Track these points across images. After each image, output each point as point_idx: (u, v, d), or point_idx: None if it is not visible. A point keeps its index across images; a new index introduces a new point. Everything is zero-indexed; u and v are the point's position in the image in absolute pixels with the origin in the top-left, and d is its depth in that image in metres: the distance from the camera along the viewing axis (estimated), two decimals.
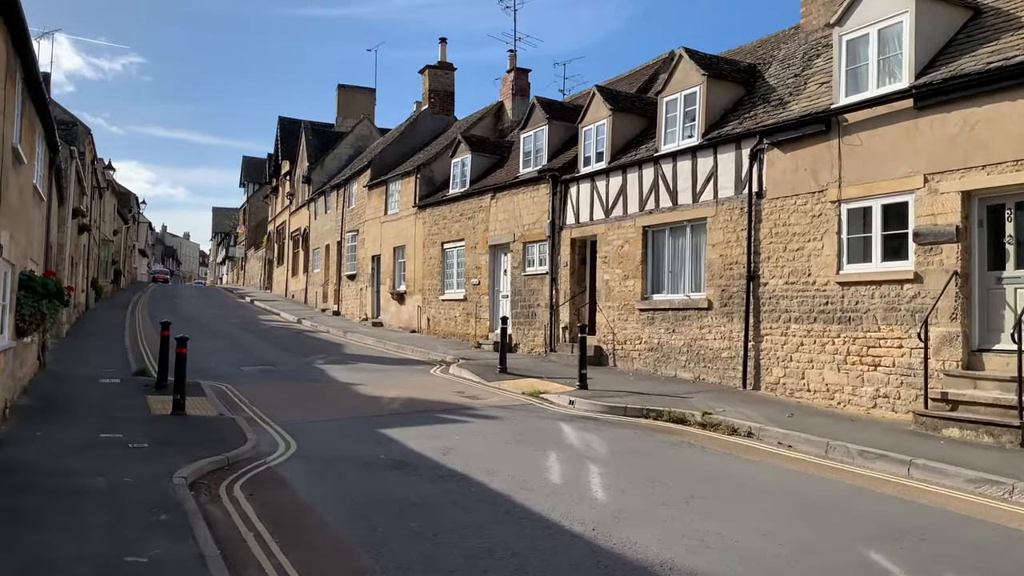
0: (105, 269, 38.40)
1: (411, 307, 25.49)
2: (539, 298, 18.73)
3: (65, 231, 20.68)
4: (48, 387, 12.15)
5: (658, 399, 12.10)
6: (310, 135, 41.18)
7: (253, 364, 16.91)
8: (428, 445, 9.07)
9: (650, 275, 15.61)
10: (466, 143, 22.84)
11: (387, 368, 16.81)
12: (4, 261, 8.89)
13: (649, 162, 15.48)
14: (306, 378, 15.07)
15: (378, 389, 13.57)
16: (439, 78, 30.60)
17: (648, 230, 15.60)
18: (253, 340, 22.31)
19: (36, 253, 12.73)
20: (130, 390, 12.41)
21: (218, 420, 10.28)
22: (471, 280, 21.72)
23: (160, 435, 9.08)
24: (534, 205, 19.02)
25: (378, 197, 28.57)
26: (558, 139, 19.36)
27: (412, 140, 30.27)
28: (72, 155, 21.02)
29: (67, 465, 7.44)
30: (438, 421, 10.80)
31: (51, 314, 10.51)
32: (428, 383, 14.73)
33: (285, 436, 9.58)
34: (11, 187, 9.00)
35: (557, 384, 13.84)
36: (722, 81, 14.72)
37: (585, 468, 8.19)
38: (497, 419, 10.98)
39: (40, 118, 11.60)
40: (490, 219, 20.89)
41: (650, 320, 15.35)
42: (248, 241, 63.51)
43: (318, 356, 18.63)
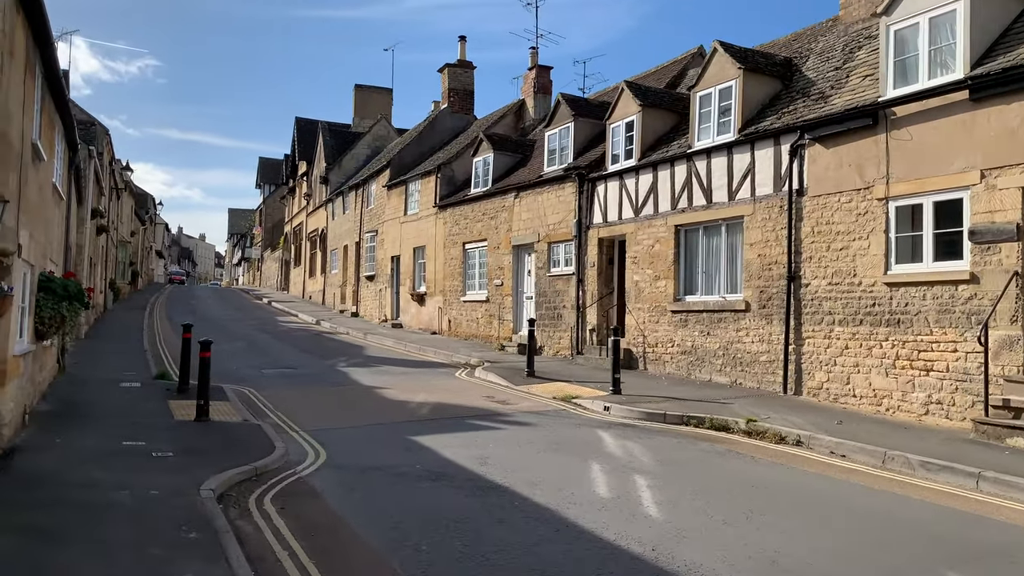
0: (123, 270, 38.32)
1: (431, 308, 25.11)
2: (565, 299, 18.28)
3: (84, 232, 20.45)
4: (68, 391, 11.84)
5: (697, 405, 11.62)
6: (327, 135, 40.94)
7: (274, 367, 16.57)
8: (463, 454, 8.65)
9: (683, 276, 15.13)
10: (488, 141, 22.42)
11: (411, 371, 16.42)
12: (23, 262, 8.56)
13: (682, 159, 15.00)
14: (330, 382, 14.69)
15: (404, 393, 13.17)
16: (458, 76, 30.21)
17: (681, 229, 15.11)
18: (272, 342, 21.99)
19: (55, 254, 12.43)
20: (151, 394, 12.08)
21: (243, 427, 9.91)
22: (494, 281, 21.30)
23: (184, 443, 8.71)
24: (559, 204, 18.58)
25: (397, 197, 28.21)
26: (584, 136, 18.90)
27: (431, 139, 29.89)
28: (91, 155, 20.79)
29: (89, 476, 7.08)
30: (470, 428, 10.38)
31: (71, 317, 10.18)
32: (454, 387, 14.31)
33: (314, 444, 9.19)
34: (30, 184, 8.67)
35: (588, 389, 13.39)
36: (758, 75, 14.22)
37: (632, 480, 7.74)
38: (531, 426, 10.54)
39: (60, 115, 11.29)
40: (513, 219, 20.46)
41: (683, 322, 14.86)
42: (264, 242, 63.42)
43: (340, 358, 18.27)
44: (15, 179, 7.51)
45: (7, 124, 6.98)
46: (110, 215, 30.00)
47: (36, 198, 9.29)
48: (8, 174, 7.14)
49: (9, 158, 7.18)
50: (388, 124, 40.74)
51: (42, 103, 9.54)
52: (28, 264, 9.01)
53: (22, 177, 7.90)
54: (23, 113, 7.93)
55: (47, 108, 10.03)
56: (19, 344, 8.67)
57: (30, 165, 8.60)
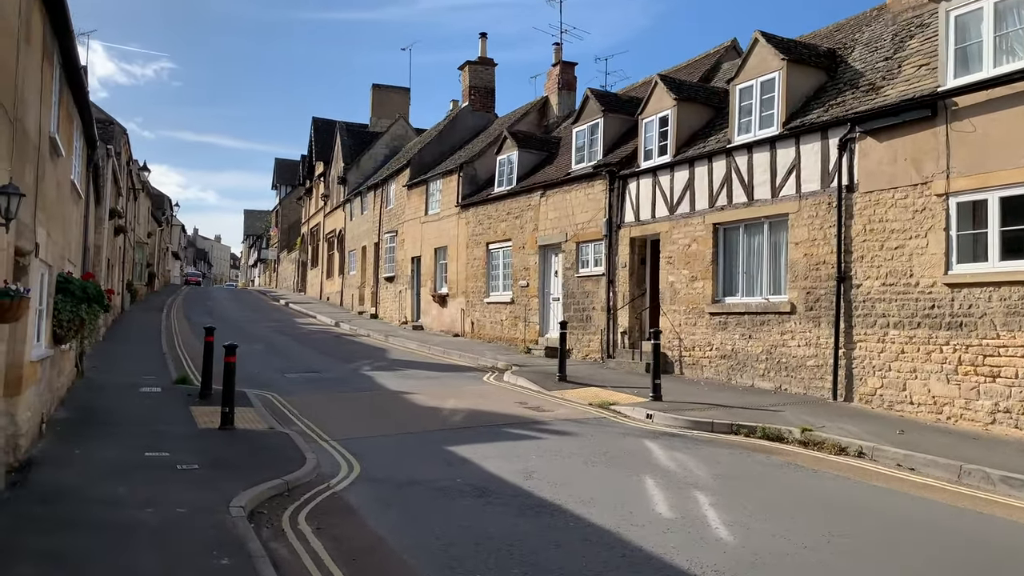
0: (140, 271, 38.07)
1: (453, 310, 24.58)
2: (594, 301, 17.70)
3: (102, 232, 20.07)
4: (86, 397, 11.39)
5: (744, 413, 11.01)
6: (345, 135, 40.52)
7: (297, 370, 16.09)
8: (506, 467, 8.10)
9: (722, 276, 14.51)
10: (512, 139, 21.87)
11: (438, 375, 15.88)
12: (41, 262, 8.10)
13: (720, 154, 14.39)
14: (355, 386, 14.19)
15: (434, 399, 12.64)
16: (479, 74, 29.67)
17: (719, 228, 14.50)
18: (293, 344, 21.54)
19: (74, 254, 11.99)
20: (173, 400, 11.61)
21: (270, 436, 9.40)
22: (519, 282, 20.75)
23: (210, 454, 8.22)
24: (588, 202, 18.00)
25: (418, 197, 27.72)
26: (613, 133, 18.32)
27: (452, 138, 29.38)
28: (109, 154, 20.42)
29: (110, 492, 6.58)
30: (508, 437, 9.83)
31: (90, 320, 9.72)
32: (485, 392, 13.77)
33: (346, 455, 8.66)
34: (48, 180, 8.21)
35: (625, 394, 12.80)
36: (802, 66, 13.59)
37: (692, 497, 7.15)
38: (572, 435, 9.98)
39: (78, 109, 10.85)
40: (540, 218, 19.90)
41: (722, 325, 14.24)
42: (281, 243, 63.17)
43: (363, 362, 17.77)
44: (32, 173, 7.04)
45: (23, 112, 6.50)
46: (127, 216, 29.70)
47: (54, 195, 8.83)
48: (24, 167, 6.67)
49: (26, 149, 6.71)
50: (406, 123, 40.26)
51: (60, 96, 9.09)
52: (46, 264, 8.55)
53: (39, 171, 7.43)
54: (40, 103, 7.46)
55: (65, 101, 9.57)
56: (36, 349, 8.20)
57: (48, 160, 8.14)
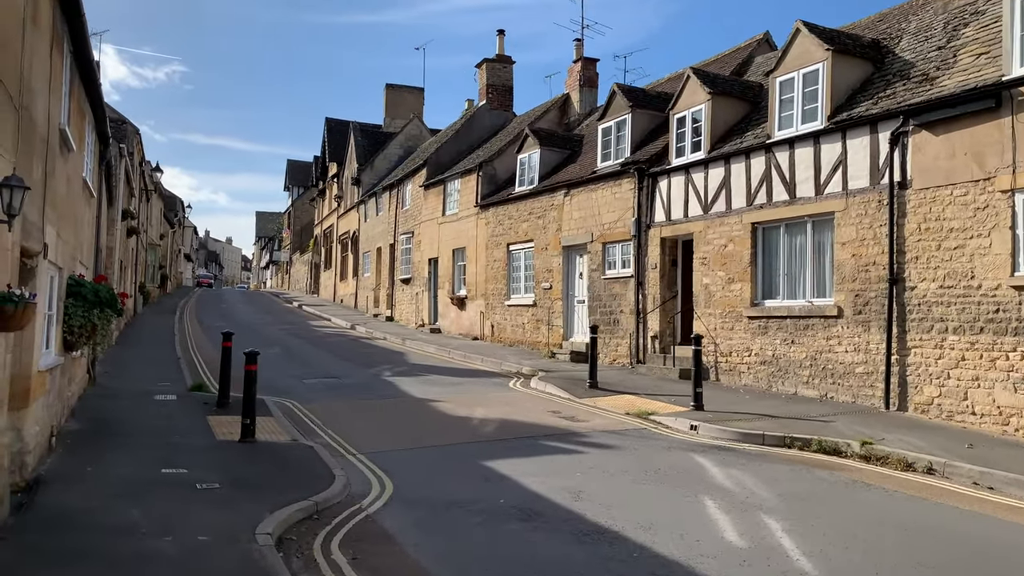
0: (152, 274, 37.67)
1: (472, 313, 23.97)
2: (622, 304, 17.05)
3: (115, 233, 19.58)
4: (99, 406, 10.84)
5: (794, 424, 10.34)
6: (359, 135, 40.01)
7: (315, 376, 15.51)
8: (550, 485, 7.47)
9: (761, 278, 13.84)
10: (534, 137, 21.24)
11: (461, 381, 15.27)
12: (50, 264, 7.53)
13: (759, 150, 13.72)
14: (378, 393, 13.59)
15: (462, 407, 12.03)
16: (497, 72, 29.07)
17: (758, 227, 13.83)
18: (309, 348, 20.98)
19: (86, 256, 11.45)
20: (189, 409, 11.05)
21: (294, 449, 8.81)
22: (541, 284, 20.12)
23: (231, 470, 7.63)
24: (616, 201, 17.36)
25: (435, 197, 27.14)
26: (641, 129, 17.66)
27: (469, 137, 28.79)
28: (121, 153, 19.92)
29: (124, 517, 5.99)
30: (547, 451, 9.20)
31: (103, 325, 9.16)
32: (513, 400, 13.14)
33: (376, 471, 8.05)
34: (58, 176, 7.64)
35: (662, 403, 12.15)
36: (848, 57, 12.91)
37: (761, 522, 6.50)
38: (614, 449, 9.33)
39: (90, 102, 10.30)
40: (563, 218, 19.27)
41: (762, 329, 13.57)
42: (293, 245, 62.77)
43: (383, 367, 17.18)
44: (40, 167, 6.47)
45: (30, 100, 5.93)
46: (140, 217, 29.27)
47: (64, 192, 8.27)
48: (32, 160, 6.09)
49: (33, 140, 6.14)
50: (421, 123, 39.72)
51: (71, 87, 8.53)
52: (55, 267, 8.00)
53: (48, 166, 6.86)
54: (49, 93, 6.89)
55: (76, 94, 9.02)
56: (45, 357, 7.64)
57: (57, 154, 7.58)
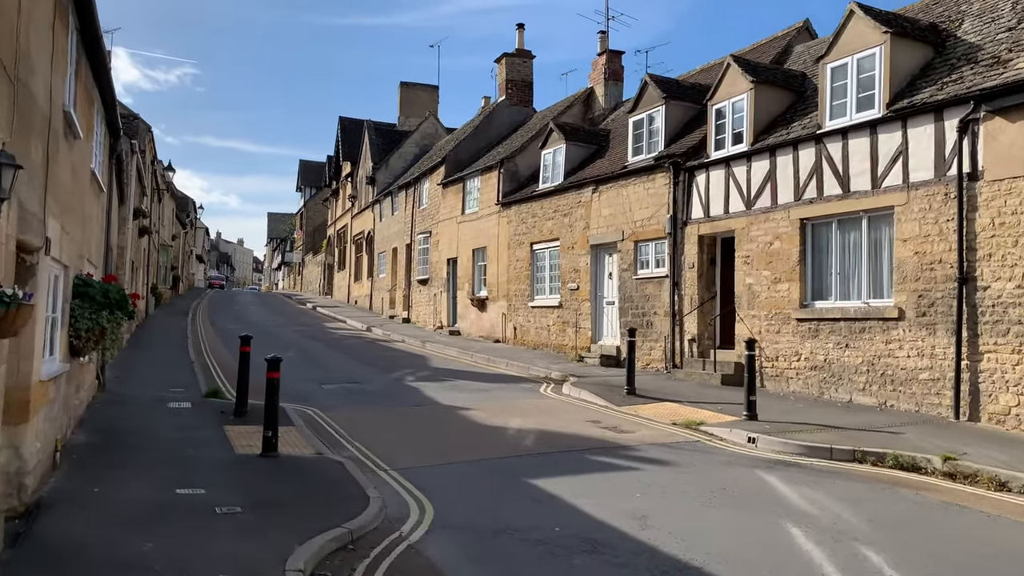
0: (164, 275, 37.10)
1: (494, 314, 23.19)
2: (656, 305, 16.22)
3: (126, 232, 18.91)
4: (108, 415, 10.11)
5: (861, 436, 9.49)
6: (373, 134, 39.35)
7: (335, 381, 14.76)
8: (609, 508, 6.67)
9: (810, 278, 12.98)
10: (560, 131, 20.44)
11: (489, 387, 14.48)
12: (53, 261, 6.80)
13: (808, 141, 12.87)
14: (403, 400, 12.82)
15: (494, 416, 11.24)
16: (517, 67, 28.28)
17: (807, 223, 12.98)
18: (326, 351, 20.25)
19: (95, 254, 10.74)
20: (204, 418, 10.30)
21: (320, 464, 8.04)
22: (568, 285, 19.31)
23: (254, 490, 6.86)
24: (648, 198, 16.53)
25: (454, 195, 26.38)
26: (675, 122, 16.84)
27: (488, 134, 28.02)
28: (133, 149, 19.27)
29: (134, 550, 5.23)
30: (595, 467, 8.40)
31: (112, 329, 8.43)
32: (547, 408, 12.34)
33: (412, 491, 7.27)
34: (62, 163, 6.90)
35: (709, 412, 11.33)
36: (907, 40, 12.05)
37: (859, 555, 5.67)
38: (670, 465, 8.51)
39: (99, 88, 9.58)
40: (591, 215, 18.46)
41: (812, 332, 12.71)
42: (306, 246, 62.19)
43: (404, 371, 16.42)
44: (40, 149, 5.73)
45: (27, 73, 5.19)
46: (151, 217, 28.67)
47: (69, 183, 7.54)
48: (30, 140, 5.35)
49: (31, 119, 5.39)
50: (436, 121, 39.01)
51: (77, 68, 7.80)
52: (60, 265, 7.26)
53: (50, 150, 6.12)
54: (51, 69, 6.15)
55: (83, 76, 8.29)
56: (48, 365, 6.90)
57: (61, 139, 6.84)
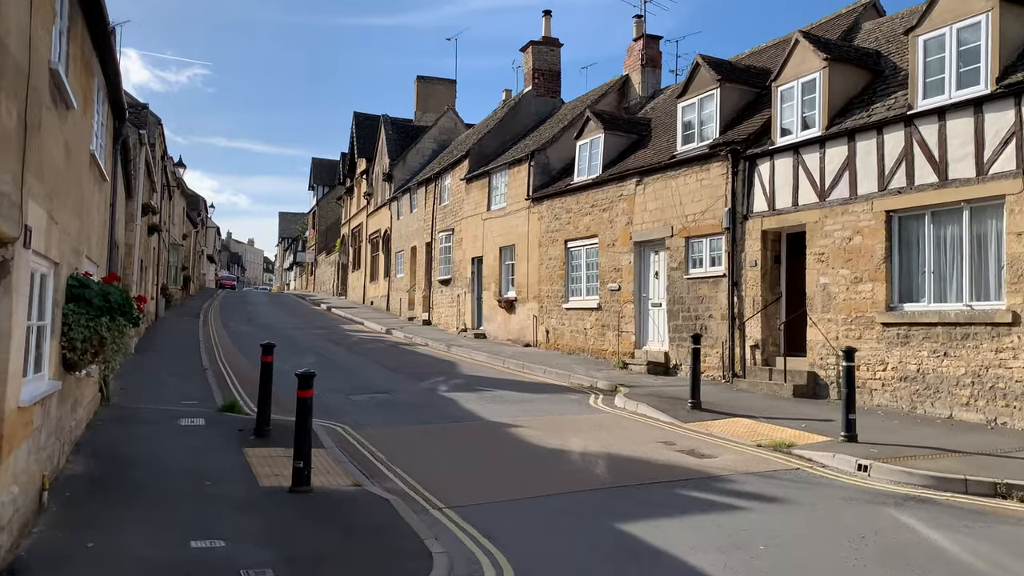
0: (175, 275, 35.92)
1: (523, 317, 21.81)
2: (711, 307, 14.81)
3: (134, 229, 17.66)
4: (111, 436, 8.79)
5: (989, 462, 8.06)
6: (389, 129, 38.08)
7: (362, 391, 13.43)
8: (731, 568, 5.28)
9: (897, 277, 11.55)
10: (597, 120, 19.04)
11: (532, 398, 13.11)
12: (37, 257, 5.47)
13: (896, 123, 11.44)
14: (440, 414, 11.47)
15: (549, 434, 9.87)
16: (544, 55, 26.89)
17: (894, 216, 11.55)
18: (347, 356, 18.95)
19: (95, 251, 9.43)
20: (221, 439, 8.98)
21: (362, 502, 6.69)
22: (608, 285, 17.91)
23: (286, 542, 5.52)
24: (702, 190, 15.12)
25: (479, 191, 25.01)
26: (731, 107, 15.42)
27: (514, 127, 26.64)
28: (142, 140, 18.01)
29: None
30: (692, 505, 7.00)
31: (114, 338, 7.10)
32: (604, 424, 10.96)
33: (480, 541, 5.88)
34: (50, 136, 5.58)
35: (794, 430, 9.93)
36: (1016, 7, 10.61)
37: None
38: (780, 502, 7.11)
39: (100, 59, 8.26)
40: (635, 209, 17.06)
41: (901, 339, 11.28)
42: (319, 245, 61.00)
43: (435, 379, 15.08)
44: (15, 110, 4.39)
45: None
46: (161, 214, 27.47)
47: (61, 162, 6.21)
48: None
49: (3, 68, 4.06)
50: (455, 115, 37.69)
51: (70, 25, 6.48)
52: (47, 261, 5.93)
53: (30, 116, 4.78)
54: (31, 15, 4.82)
55: (79, 38, 6.97)
56: (32, 385, 5.58)
57: (49, 105, 5.51)
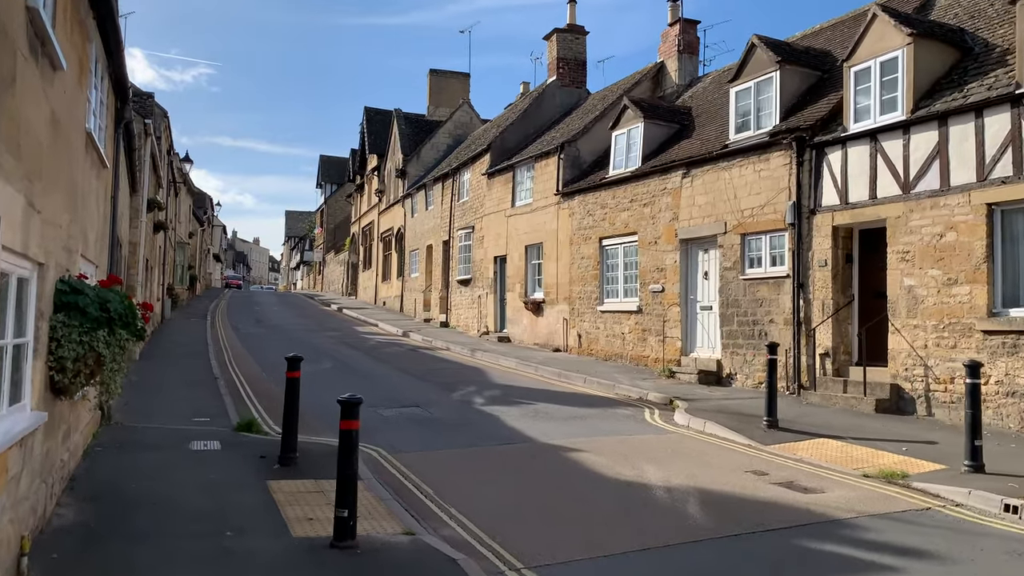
0: (181, 274, 34.71)
1: (552, 319, 20.50)
2: (772, 311, 13.48)
3: (139, 226, 16.40)
4: (111, 467, 7.51)
5: None
6: (403, 124, 36.78)
7: (391, 404, 12.14)
8: None
9: (1000, 278, 10.20)
10: (636, 108, 17.70)
11: (581, 413, 11.79)
12: (15, 256, 4.18)
13: (999, 105, 10.10)
14: (482, 433, 10.16)
15: (617, 462, 8.54)
16: (569, 43, 25.55)
17: (996, 209, 10.20)
18: (367, 362, 17.66)
19: (94, 249, 8.14)
20: (240, 467, 7.69)
21: (422, 562, 5.37)
22: (649, 286, 16.59)
23: None
24: (760, 181, 13.79)
25: (502, 186, 23.69)
26: (792, 91, 14.07)
27: (538, 119, 25.31)
28: (147, 131, 16.75)
29: None
30: (831, 567, 5.68)
31: (114, 355, 5.79)
32: (676, 447, 9.62)
33: None
34: (29, 97, 4.28)
35: (893, 455, 8.61)
36: None
37: None
38: (929, 557, 5.76)
39: (98, 22, 6.97)
40: (681, 204, 15.73)
41: (1008, 349, 9.94)
42: (327, 244, 59.77)
43: (466, 389, 13.78)
44: None
45: None
46: (168, 212, 26.23)
47: (45, 135, 4.92)
48: None
49: None
50: (471, 109, 36.37)
51: None
52: (28, 261, 4.64)
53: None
54: None
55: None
56: (4, 425, 4.29)
57: (27, 58, 4.22)
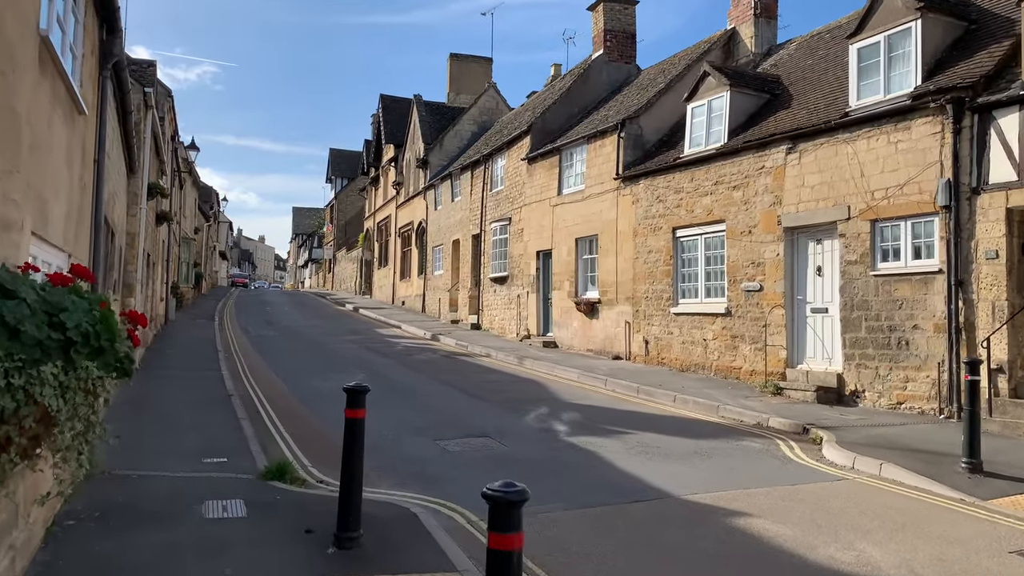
0: (186, 272, 32.27)
1: (609, 322, 17.94)
2: (915, 315, 10.91)
3: (138, 214, 13.88)
4: (81, 569, 4.98)
5: None
6: (423, 111, 34.26)
7: (448, 430, 9.60)
8: None
9: None
10: (721, 75, 15.10)
11: (698, 448, 9.20)
12: None
13: None
14: (590, 482, 7.56)
15: (809, 534, 5.98)
16: (617, 14, 22.91)
17: None
18: (403, 373, 15.14)
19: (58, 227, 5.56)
20: (279, 557, 5.15)
21: None
22: (741, 284, 14.03)
23: None
24: (897, 155, 11.22)
25: (545, 172, 21.13)
26: (935, 44, 11.50)
27: (583, 97, 22.73)
28: (147, 103, 14.23)
29: None
30: None
31: (74, 406, 3.24)
32: (860, 503, 7.04)
33: None
34: None
35: None
36: None
37: None
38: None
39: None
40: (785, 185, 13.16)
41: None
42: (337, 241, 57.26)
43: (535, 410, 11.24)
44: None
45: None
46: (173, 204, 23.74)
47: None
48: None
49: None
50: (497, 94, 33.81)
51: None
52: None
53: None
54: None
55: None
56: None
57: None
